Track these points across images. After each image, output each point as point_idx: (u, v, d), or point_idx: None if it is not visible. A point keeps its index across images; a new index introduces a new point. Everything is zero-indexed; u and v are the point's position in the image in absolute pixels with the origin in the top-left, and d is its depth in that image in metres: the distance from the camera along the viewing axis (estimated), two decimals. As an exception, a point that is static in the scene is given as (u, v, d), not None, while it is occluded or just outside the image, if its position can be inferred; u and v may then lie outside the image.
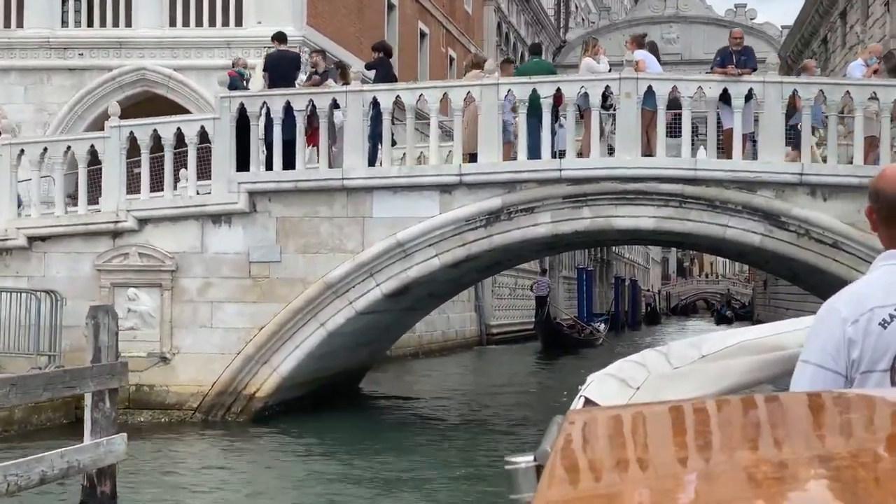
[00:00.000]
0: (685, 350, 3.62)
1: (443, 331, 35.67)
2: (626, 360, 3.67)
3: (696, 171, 16.53)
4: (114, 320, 10.53)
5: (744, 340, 3.58)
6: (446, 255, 17.02)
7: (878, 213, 2.97)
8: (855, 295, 2.93)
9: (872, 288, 2.92)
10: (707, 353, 3.55)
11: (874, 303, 2.87)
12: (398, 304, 18.55)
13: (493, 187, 16.84)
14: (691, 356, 3.57)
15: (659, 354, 3.62)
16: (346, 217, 17.08)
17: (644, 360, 3.62)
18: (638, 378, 3.53)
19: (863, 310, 2.86)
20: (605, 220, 16.90)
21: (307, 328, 17.06)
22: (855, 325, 2.85)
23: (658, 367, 3.56)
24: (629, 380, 3.54)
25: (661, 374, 3.53)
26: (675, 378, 3.51)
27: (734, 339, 3.61)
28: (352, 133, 16.91)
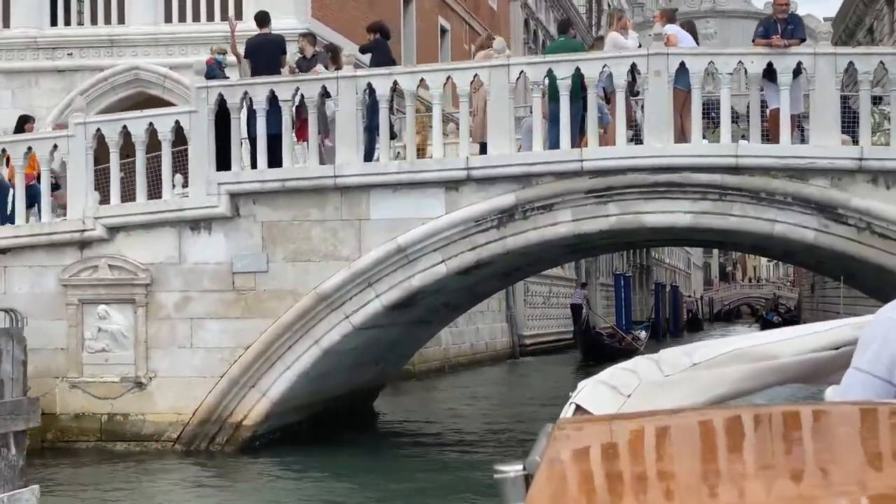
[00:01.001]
0: (677, 357, 3.55)
1: (472, 343, 33.51)
2: (617, 367, 3.61)
3: (737, 159, 14.27)
4: (20, 346, 8.46)
5: (737, 349, 3.49)
6: (454, 260, 14.86)
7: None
8: None
9: None
10: (699, 361, 3.48)
11: None
12: (404, 316, 16.41)
13: (506, 182, 14.67)
14: (683, 364, 3.50)
15: (650, 362, 3.56)
16: (341, 220, 14.97)
17: (636, 367, 3.57)
18: (629, 385, 3.48)
19: None
20: (634, 218, 14.67)
21: (299, 346, 14.96)
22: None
23: (649, 374, 3.50)
24: (620, 387, 3.48)
25: (653, 381, 3.47)
26: (667, 386, 3.46)
27: (727, 347, 3.53)
28: (345, 124, 14.80)
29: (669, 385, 3.44)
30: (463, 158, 14.69)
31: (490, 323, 35.73)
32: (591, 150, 14.52)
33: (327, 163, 14.94)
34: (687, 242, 21.11)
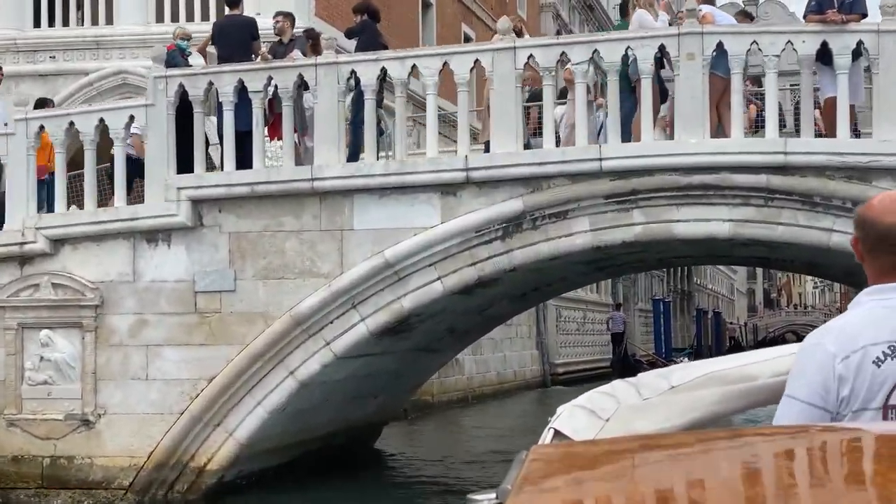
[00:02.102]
0: (655, 381, 3.55)
1: (498, 371, 31.11)
2: (595, 391, 3.58)
3: (786, 156, 11.88)
4: None
5: (713, 371, 3.49)
6: (452, 277, 12.56)
7: (863, 243, 2.82)
8: (843, 331, 2.79)
9: (861, 325, 2.78)
10: (677, 384, 3.49)
11: (865, 340, 2.75)
12: (401, 344, 14.11)
13: (512, 185, 12.37)
14: (661, 387, 3.51)
15: (629, 385, 3.55)
16: (319, 230, 12.71)
17: (614, 390, 3.55)
18: (608, 409, 3.48)
19: (854, 347, 2.74)
20: (664, 227, 12.31)
21: (272, 378, 12.69)
22: (846, 362, 2.74)
23: (628, 397, 3.51)
24: (599, 411, 3.48)
25: (631, 405, 3.49)
26: (645, 409, 3.47)
27: (704, 369, 3.53)
28: (324, 119, 12.57)
29: (648, 408, 3.46)
30: (461, 157, 12.41)
31: (519, 350, 33.34)
32: (611, 147, 12.20)
33: (305, 164, 12.71)
34: (726, 259, 18.38)
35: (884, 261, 2.82)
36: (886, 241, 2.80)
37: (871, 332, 2.77)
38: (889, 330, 2.77)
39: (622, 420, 3.43)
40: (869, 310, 2.81)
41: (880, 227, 2.79)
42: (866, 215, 2.84)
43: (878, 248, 2.81)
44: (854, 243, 2.87)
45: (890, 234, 2.80)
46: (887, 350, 2.74)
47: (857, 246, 2.87)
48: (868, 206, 2.86)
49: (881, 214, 2.80)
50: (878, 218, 2.80)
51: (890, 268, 2.82)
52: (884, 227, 2.79)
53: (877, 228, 2.80)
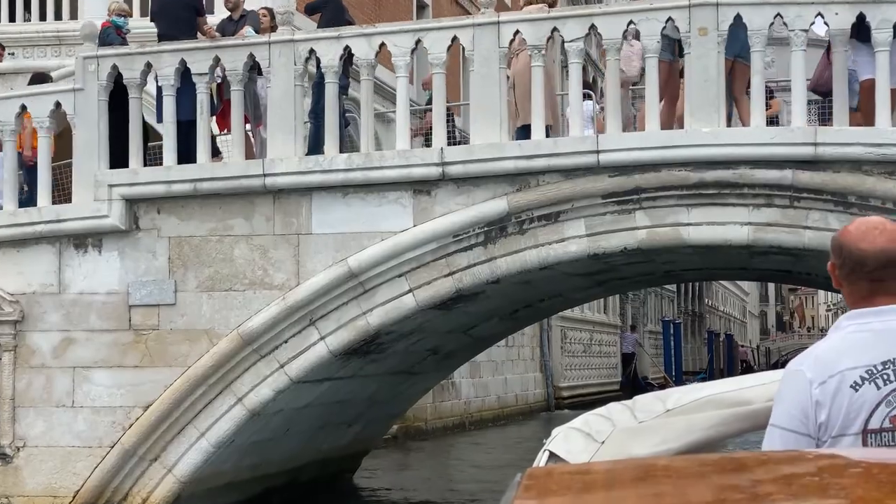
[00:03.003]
0: (650, 404, 3.52)
1: (498, 395, 29.22)
2: (591, 414, 3.55)
3: (816, 148, 10.05)
4: None
5: (709, 395, 3.47)
6: (426, 290, 10.74)
7: (840, 269, 2.86)
8: (821, 357, 2.82)
9: (839, 349, 2.81)
10: (672, 408, 3.46)
11: (843, 365, 2.76)
12: (372, 366, 12.28)
13: (495, 182, 10.57)
14: (656, 410, 3.46)
15: (624, 408, 3.52)
16: (273, 235, 10.92)
17: (609, 413, 3.53)
18: (603, 432, 3.44)
19: (831, 372, 2.76)
20: (672, 232, 10.47)
21: (217, 405, 10.88)
22: (822, 387, 2.75)
23: (623, 420, 3.47)
24: (594, 433, 3.44)
25: (627, 427, 3.46)
26: (641, 432, 3.42)
27: (699, 393, 3.52)
28: (279, 106, 10.79)
29: (643, 431, 3.45)
30: (436, 150, 10.60)
31: (521, 373, 31.45)
32: (610, 137, 10.39)
33: (256, 157, 10.93)
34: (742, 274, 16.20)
35: (861, 286, 2.86)
36: (863, 267, 2.84)
37: (849, 356, 2.79)
38: (866, 354, 2.78)
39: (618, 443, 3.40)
40: (847, 335, 2.84)
41: (856, 253, 2.83)
42: (843, 241, 2.88)
43: (855, 274, 2.85)
44: (831, 269, 2.91)
45: (866, 260, 2.83)
46: (864, 374, 2.76)
47: (834, 272, 2.91)
48: (844, 231, 2.90)
49: (857, 241, 2.84)
50: (854, 244, 2.84)
51: (867, 293, 2.86)
52: (860, 253, 2.83)
53: (853, 255, 2.84)
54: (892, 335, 2.79)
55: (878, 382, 2.76)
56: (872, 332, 2.80)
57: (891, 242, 2.83)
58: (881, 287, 2.83)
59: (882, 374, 2.76)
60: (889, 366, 2.76)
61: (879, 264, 2.82)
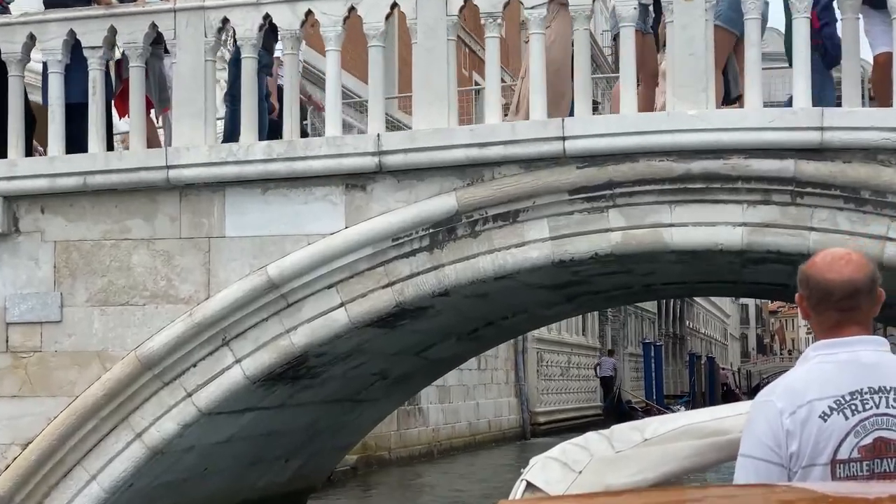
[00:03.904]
0: (628, 433, 3.48)
1: (470, 422, 27.43)
2: (568, 443, 3.53)
3: (823, 133, 8.30)
4: None
5: (686, 425, 3.43)
6: (360, 304, 8.94)
7: (808, 300, 2.88)
8: (790, 387, 2.82)
9: (808, 380, 2.80)
10: (650, 437, 3.41)
11: (812, 395, 2.76)
12: (305, 393, 10.48)
13: (442, 175, 8.80)
14: (634, 440, 3.44)
15: (602, 437, 3.49)
16: (179, 238, 9.11)
17: (587, 443, 3.49)
18: (581, 461, 3.42)
19: (800, 402, 2.76)
20: (651, 235, 8.69)
21: (111, 442, 9.04)
22: (793, 417, 2.75)
23: (601, 450, 3.44)
24: (571, 463, 3.41)
25: (604, 457, 3.41)
26: (618, 461, 3.39)
27: (677, 422, 3.47)
28: (187, 85, 9.01)
29: (621, 461, 3.42)
30: (371, 136, 8.82)
31: (495, 397, 29.68)
32: (578, 121, 8.64)
33: (160, 146, 9.14)
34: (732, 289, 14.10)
35: (828, 316, 2.86)
36: (830, 298, 2.84)
37: (817, 387, 2.78)
38: (834, 385, 2.78)
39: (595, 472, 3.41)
40: (815, 365, 2.84)
41: (823, 284, 2.85)
42: (809, 273, 2.89)
43: (823, 305, 2.87)
44: (799, 300, 2.95)
45: (833, 290, 2.84)
46: (833, 405, 2.75)
47: (802, 303, 2.94)
48: (810, 263, 2.91)
49: (823, 272, 2.86)
50: (820, 275, 2.86)
51: (835, 324, 2.86)
52: (826, 283, 2.84)
53: (820, 285, 2.85)
54: (858, 366, 2.80)
55: (846, 413, 2.77)
56: (838, 363, 2.81)
57: (857, 272, 2.84)
58: (848, 317, 2.85)
59: (850, 405, 2.76)
60: (857, 396, 2.77)
61: (846, 294, 2.83)
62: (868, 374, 2.80)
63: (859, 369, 2.79)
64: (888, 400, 2.77)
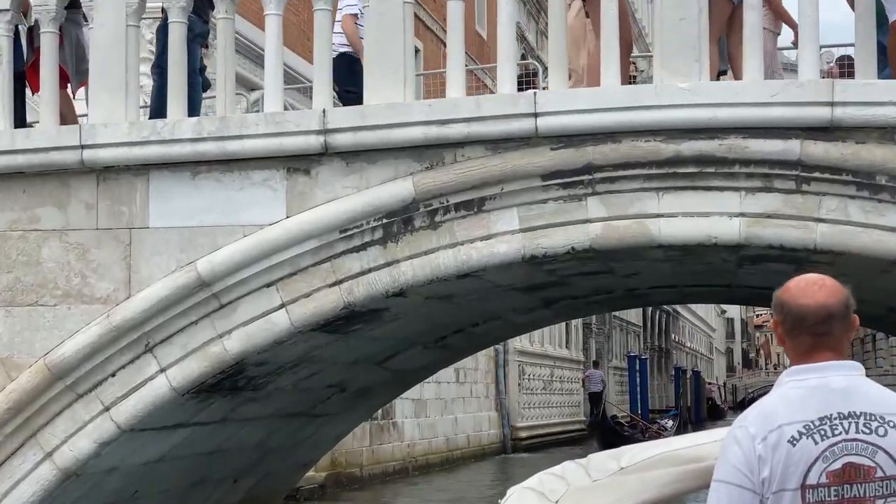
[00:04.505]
0: (605, 462, 3.48)
1: (447, 437, 26.24)
2: (545, 473, 3.54)
3: (833, 109, 7.17)
4: None
5: (663, 452, 3.43)
6: (304, 305, 7.76)
7: (782, 325, 2.90)
8: (762, 413, 2.85)
9: (779, 405, 2.84)
10: (626, 465, 3.42)
11: (782, 420, 2.80)
12: (249, 408, 9.28)
13: (397, 158, 7.64)
14: (610, 468, 3.44)
15: (578, 466, 3.48)
16: (96, 229, 7.93)
17: (564, 472, 3.51)
18: (557, 491, 3.41)
19: (771, 427, 2.79)
20: (636, 227, 7.54)
21: (16, 463, 7.84)
22: (764, 443, 2.78)
23: (577, 479, 3.44)
24: (548, 493, 3.41)
25: (581, 486, 3.40)
26: (595, 490, 3.39)
27: (653, 450, 3.48)
28: (105, 55, 7.84)
29: (598, 489, 3.42)
30: (316, 112, 7.65)
31: (474, 412, 28.50)
32: (552, 96, 7.49)
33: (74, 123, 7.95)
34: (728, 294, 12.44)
35: (802, 341, 2.87)
36: (803, 323, 2.85)
37: (787, 412, 2.80)
38: (804, 410, 2.79)
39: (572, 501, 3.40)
40: (787, 390, 2.85)
41: (796, 309, 2.85)
42: (783, 298, 2.89)
43: (796, 330, 2.87)
44: (774, 326, 2.95)
45: (806, 316, 2.85)
46: (802, 430, 2.77)
47: (776, 329, 2.94)
48: (785, 289, 2.90)
49: (796, 297, 2.87)
50: (793, 300, 2.86)
51: (808, 348, 2.87)
52: (800, 309, 2.85)
53: (794, 310, 2.86)
54: (828, 391, 2.82)
55: (815, 438, 2.78)
56: (809, 389, 2.82)
57: (830, 298, 2.86)
58: (822, 342, 2.86)
59: (819, 430, 2.78)
60: (826, 421, 2.79)
61: (819, 319, 2.85)
62: (838, 400, 2.82)
63: (829, 394, 2.82)
64: (858, 425, 2.79)
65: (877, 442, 2.78)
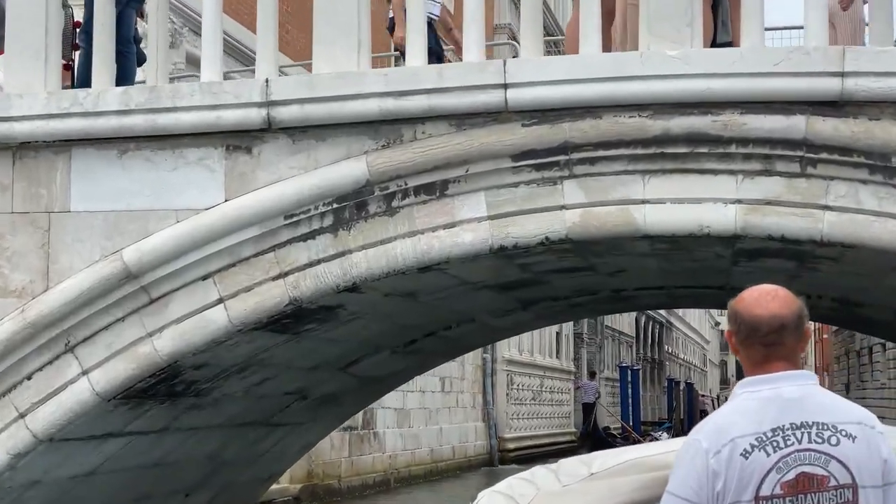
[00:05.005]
0: (575, 467, 3.49)
1: (432, 448, 25.28)
2: (515, 477, 3.57)
3: (843, 80, 6.26)
4: None
5: (633, 458, 3.43)
6: (244, 300, 6.84)
7: (736, 336, 2.91)
8: (716, 426, 2.85)
9: (733, 417, 2.85)
10: (597, 471, 3.41)
11: (735, 433, 2.80)
12: (193, 417, 8.35)
13: (349, 135, 6.73)
14: (581, 473, 3.43)
15: (549, 472, 3.49)
16: (10, 213, 7.01)
17: (534, 476, 3.51)
18: (527, 495, 3.41)
19: (724, 440, 2.80)
20: (619, 214, 6.62)
21: (-82, 476, 6.92)
22: (717, 457, 2.79)
23: (547, 484, 3.43)
24: (518, 497, 3.42)
25: (551, 491, 3.40)
26: (565, 495, 3.38)
27: (624, 456, 3.47)
28: (21, 16, 6.94)
29: (567, 494, 3.41)
30: (258, 82, 6.74)
31: (460, 422, 27.54)
32: (525, 63, 6.58)
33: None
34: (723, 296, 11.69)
35: (755, 351, 2.87)
36: (756, 333, 2.86)
37: (740, 424, 2.81)
38: (756, 422, 2.80)
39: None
40: (740, 402, 2.86)
41: (750, 319, 2.85)
42: (737, 308, 2.89)
43: (750, 340, 2.87)
44: (728, 336, 2.95)
45: (759, 325, 2.85)
46: (754, 442, 2.79)
47: (731, 339, 2.94)
48: (739, 299, 2.90)
49: (750, 307, 2.86)
50: (748, 311, 2.86)
51: (761, 359, 2.87)
52: (753, 319, 2.85)
53: (747, 321, 2.86)
54: (781, 402, 2.81)
55: (767, 449, 2.77)
56: (762, 400, 2.82)
57: (783, 308, 2.85)
58: (774, 352, 2.86)
59: (772, 441, 2.77)
60: (779, 432, 2.79)
61: (772, 329, 2.84)
62: (791, 410, 2.82)
63: (782, 405, 2.82)
64: (810, 435, 2.80)
65: (829, 451, 2.78)
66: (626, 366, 42.46)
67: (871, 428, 2.85)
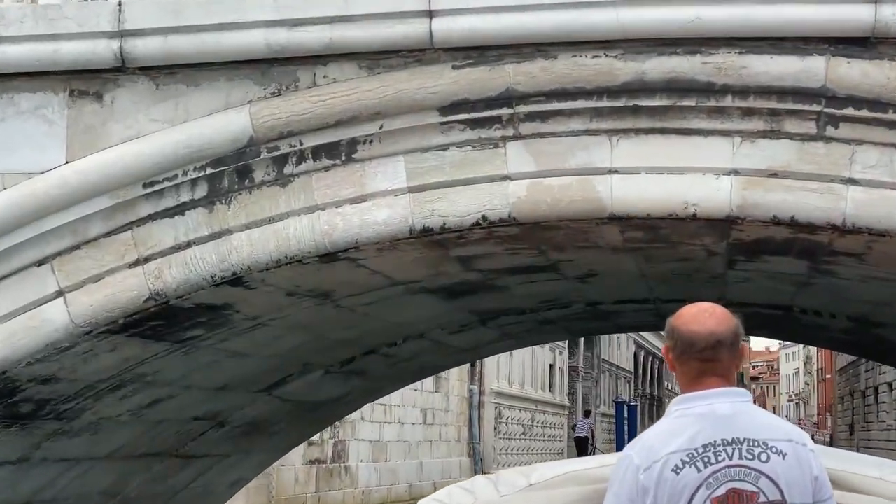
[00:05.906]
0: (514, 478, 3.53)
1: (410, 483, 23.57)
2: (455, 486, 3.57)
3: (877, 8, 4.65)
4: None
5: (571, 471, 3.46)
6: (90, 293, 5.22)
7: (673, 351, 2.90)
8: (648, 442, 2.87)
9: (664, 434, 2.85)
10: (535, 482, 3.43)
11: (667, 449, 2.80)
12: (63, 445, 6.69)
13: (229, 77, 5.12)
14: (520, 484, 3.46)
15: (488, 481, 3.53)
16: None
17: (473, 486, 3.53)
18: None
19: (656, 457, 2.80)
20: (579, 187, 5.00)
21: None
22: (648, 473, 2.79)
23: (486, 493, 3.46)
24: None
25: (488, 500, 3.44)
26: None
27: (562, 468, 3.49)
28: None
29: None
30: (108, 6, 5.13)
31: (443, 457, 25.83)
32: (457, -14, 4.98)
33: None
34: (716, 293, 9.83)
35: (691, 367, 2.87)
36: (693, 349, 2.85)
37: (673, 441, 2.81)
38: (687, 438, 2.80)
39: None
40: (673, 419, 2.87)
41: (686, 335, 2.85)
42: (675, 325, 2.88)
43: (686, 355, 2.86)
44: (665, 352, 2.94)
45: (695, 342, 2.84)
46: (686, 458, 2.78)
47: (668, 355, 2.92)
48: (677, 315, 2.91)
49: (687, 323, 2.86)
50: (685, 327, 2.86)
51: (696, 375, 2.87)
52: (690, 335, 2.84)
53: (684, 337, 2.85)
54: (714, 418, 2.81)
55: (698, 465, 2.77)
56: (695, 416, 2.82)
57: (719, 326, 2.85)
58: (710, 368, 2.86)
59: (703, 457, 2.77)
60: (710, 448, 2.78)
61: (708, 345, 2.84)
62: (723, 427, 2.80)
63: (715, 422, 2.80)
64: (741, 451, 2.78)
65: (759, 468, 2.77)
66: (622, 401, 40.75)
67: (802, 445, 2.83)
